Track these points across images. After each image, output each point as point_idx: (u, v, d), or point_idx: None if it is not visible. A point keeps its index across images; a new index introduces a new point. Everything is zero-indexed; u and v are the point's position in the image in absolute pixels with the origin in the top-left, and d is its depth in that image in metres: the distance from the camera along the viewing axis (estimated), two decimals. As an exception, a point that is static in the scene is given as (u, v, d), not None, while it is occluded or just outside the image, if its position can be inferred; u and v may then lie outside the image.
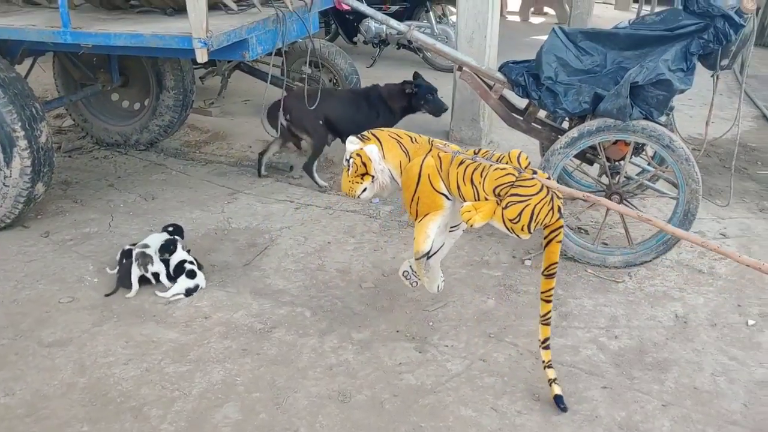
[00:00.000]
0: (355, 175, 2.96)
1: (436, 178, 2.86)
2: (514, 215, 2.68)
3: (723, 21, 3.37)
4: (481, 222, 2.74)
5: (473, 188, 2.78)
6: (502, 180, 2.71)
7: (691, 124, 5.80)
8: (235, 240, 4.00)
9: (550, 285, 2.79)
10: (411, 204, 2.95)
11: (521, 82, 3.73)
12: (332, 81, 5.79)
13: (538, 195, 2.67)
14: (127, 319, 3.28)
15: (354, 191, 2.99)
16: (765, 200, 4.67)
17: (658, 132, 3.48)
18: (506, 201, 2.69)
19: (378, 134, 3.01)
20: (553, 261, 2.78)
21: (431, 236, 2.92)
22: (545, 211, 2.68)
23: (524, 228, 2.71)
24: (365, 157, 2.92)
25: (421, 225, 2.93)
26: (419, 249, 2.95)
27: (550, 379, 2.80)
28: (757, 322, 3.35)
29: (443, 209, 2.90)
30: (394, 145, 2.97)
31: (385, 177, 2.98)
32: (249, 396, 2.80)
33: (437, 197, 2.88)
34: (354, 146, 2.96)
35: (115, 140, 5.36)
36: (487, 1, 4.97)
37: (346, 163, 2.99)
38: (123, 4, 4.12)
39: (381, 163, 2.95)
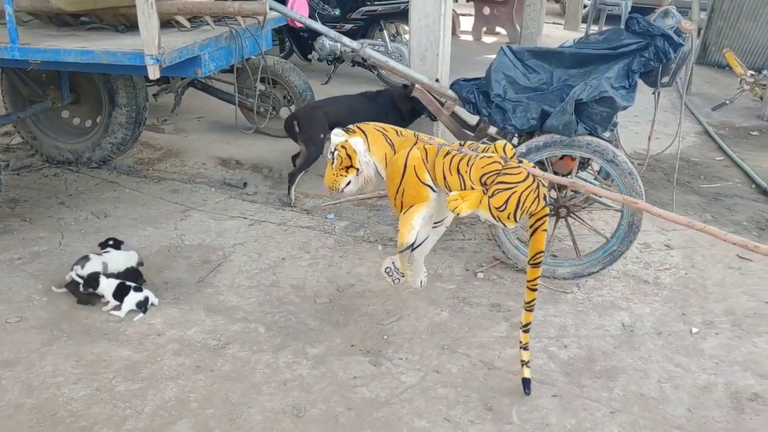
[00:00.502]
0: (339, 167, 2.92)
1: (422, 169, 2.86)
2: (501, 203, 2.70)
3: (663, 40, 3.51)
4: (468, 210, 2.75)
5: (459, 178, 2.78)
6: (489, 168, 2.73)
7: (637, 139, 5.98)
8: (188, 257, 3.98)
9: (536, 274, 2.83)
10: (396, 196, 2.92)
11: (472, 99, 3.82)
12: (286, 98, 5.82)
13: (524, 182, 2.69)
14: (78, 337, 3.24)
15: (338, 184, 2.96)
16: (707, 213, 4.84)
17: (602, 147, 3.59)
18: (493, 189, 2.71)
19: (364, 127, 3.00)
20: (539, 250, 2.79)
21: (416, 228, 2.89)
22: (531, 198, 2.70)
23: (510, 216, 2.72)
24: (350, 150, 2.90)
25: (405, 217, 2.91)
26: (404, 241, 2.92)
27: (523, 360, 2.88)
28: (701, 330, 3.46)
29: (428, 201, 2.89)
30: (379, 138, 2.97)
31: (369, 170, 2.97)
32: (203, 413, 2.79)
33: (422, 188, 2.87)
34: (339, 138, 2.93)
35: (66, 158, 5.28)
36: (439, 20, 5.05)
37: (331, 155, 2.95)
38: (72, 20, 4.09)
39: (366, 155, 2.93)
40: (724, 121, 7.11)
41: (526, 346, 2.91)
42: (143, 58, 3.30)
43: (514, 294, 3.70)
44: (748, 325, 3.50)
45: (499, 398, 2.93)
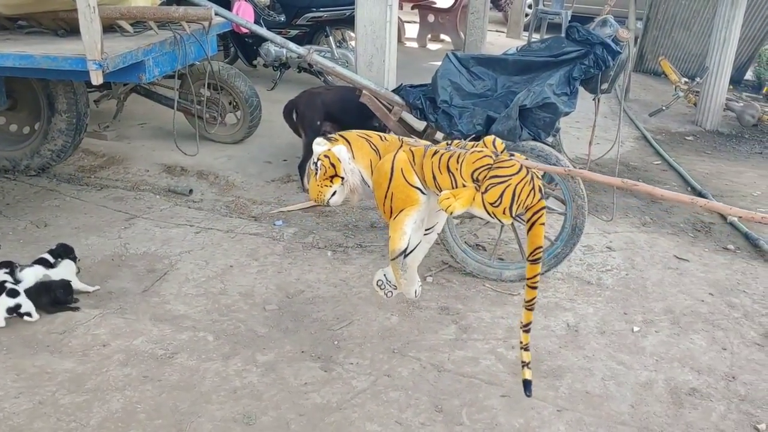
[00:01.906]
0: (323, 178, 2.84)
1: (410, 171, 2.78)
2: (495, 198, 2.63)
3: (601, 48, 3.62)
4: (461, 209, 2.68)
5: (450, 176, 2.71)
6: (480, 163, 2.67)
7: (578, 144, 6.14)
8: (132, 266, 3.90)
9: (536, 270, 2.71)
10: (384, 201, 2.83)
11: (419, 105, 3.87)
12: (231, 104, 5.78)
13: (518, 175, 2.63)
14: (18, 350, 3.14)
15: (323, 195, 2.86)
16: (646, 215, 5.00)
17: (546, 152, 3.68)
18: (485, 184, 2.65)
19: (346, 135, 2.92)
20: (537, 245, 2.68)
21: (408, 232, 2.81)
22: (527, 191, 2.63)
23: (506, 211, 2.65)
24: (334, 158, 2.81)
25: (396, 222, 2.82)
26: (396, 247, 2.83)
27: (524, 362, 2.77)
28: (641, 329, 3.57)
29: (418, 204, 2.82)
30: (363, 144, 2.88)
31: (355, 178, 2.88)
32: (151, 423, 2.74)
33: (412, 191, 2.79)
34: (322, 148, 2.84)
35: (3, 166, 5.10)
36: (385, 27, 5.10)
37: (314, 166, 2.86)
38: (9, 24, 3.97)
39: (351, 163, 2.85)
40: (661, 126, 7.36)
41: (527, 346, 2.79)
42: (86, 63, 3.23)
43: (463, 297, 3.75)
44: (686, 323, 3.63)
45: (449, 400, 2.96)
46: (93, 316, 3.41)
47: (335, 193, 2.86)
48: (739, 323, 3.65)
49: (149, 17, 3.66)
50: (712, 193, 5.36)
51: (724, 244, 4.55)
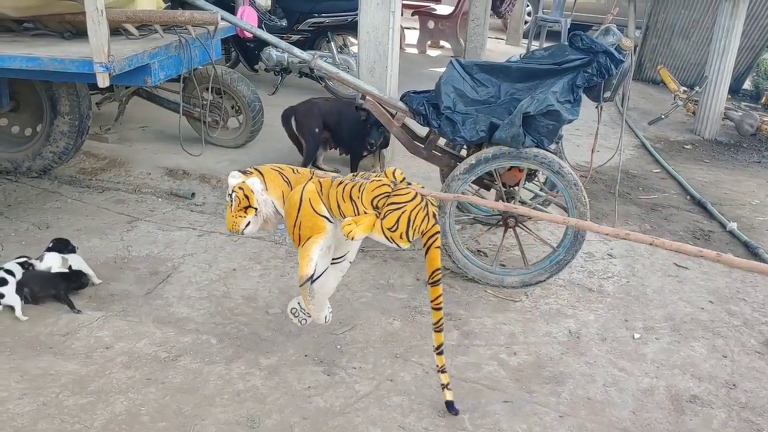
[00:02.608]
0: (238, 209, 2.95)
1: (317, 201, 2.91)
2: (392, 223, 2.78)
3: (605, 56, 3.65)
4: (362, 234, 2.82)
5: (353, 204, 2.86)
6: (379, 191, 2.83)
7: (578, 152, 6.18)
8: (135, 268, 3.90)
9: (438, 293, 2.88)
10: (294, 230, 2.96)
11: (422, 111, 3.88)
12: (234, 108, 5.79)
13: (412, 202, 2.79)
14: (22, 352, 3.14)
15: (238, 226, 2.97)
16: (647, 223, 5.03)
17: (549, 159, 3.70)
18: (384, 211, 2.80)
19: (260, 168, 3.04)
20: (435, 267, 2.86)
21: (314, 259, 2.92)
22: (421, 216, 2.79)
23: (403, 235, 2.80)
24: (247, 190, 2.92)
25: (304, 249, 2.94)
26: (303, 273, 2.94)
27: (443, 384, 2.91)
28: (642, 336, 3.59)
29: (325, 231, 2.93)
30: (275, 176, 3.01)
31: (268, 209, 2.99)
32: (155, 426, 2.74)
33: (319, 220, 2.91)
34: (236, 180, 2.96)
35: (5, 167, 5.10)
36: (388, 33, 5.13)
37: (229, 198, 2.97)
38: (15, 26, 3.98)
39: (263, 194, 2.96)
40: (660, 135, 7.41)
41: (443, 368, 2.92)
42: (92, 66, 3.24)
43: (465, 303, 3.77)
44: (686, 330, 3.65)
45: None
46: (96, 319, 3.42)
47: (249, 223, 2.97)
48: (739, 331, 3.67)
49: (155, 20, 3.67)
50: (710, 201, 5.39)
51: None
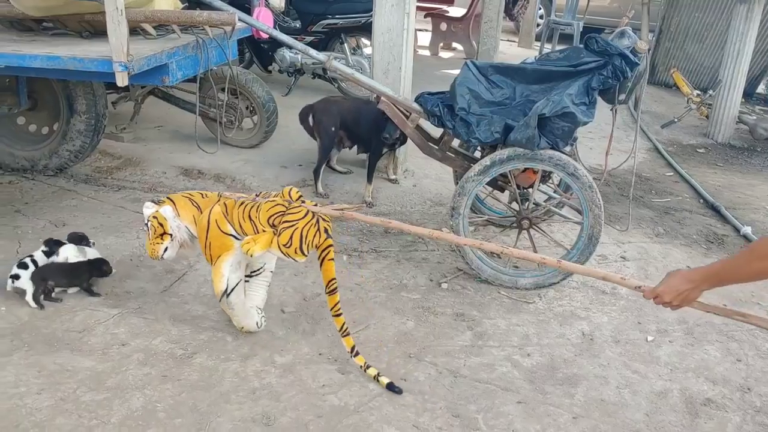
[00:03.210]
0: (154, 236, 3.17)
1: (223, 221, 3.11)
2: (286, 240, 2.98)
3: (620, 59, 3.65)
4: (260, 250, 3.01)
5: (252, 223, 3.06)
6: (273, 210, 3.03)
7: (591, 155, 6.16)
8: (151, 266, 3.93)
9: (335, 300, 3.11)
10: (206, 250, 3.17)
11: (437, 112, 3.89)
12: (249, 108, 5.83)
13: (303, 219, 2.99)
14: (39, 347, 3.17)
15: (156, 252, 3.18)
16: (659, 226, 5.01)
17: (564, 161, 3.71)
18: (279, 229, 3.00)
19: (172, 197, 3.27)
20: (330, 277, 3.09)
21: (226, 275, 3.12)
22: (312, 232, 3.00)
23: (297, 250, 3.00)
24: (161, 218, 3.14)
25: (215, 267, 3.14)
26: (217, 289, 3.15)
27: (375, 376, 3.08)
28: (656, 338, 3.59)
29: (233, 249, 3.13)
30: (186, 203, 3.23)
31: (182, 233, 3.20)
32: (171, 422, 2.76)
33: (226, 239, 3.11)
34: (150, 210, 3.19)
35: (22, 165, 5.16)
36: (402, 35, 5.15)
37: (146, 227, 3.20)
38: (35, 25, 4.03)
39: (176, 220, 3.17)
40: (672, 138, 7.39)
41: (367, 366, 3.11)
42: (112, 65, 3.27)
43: (478, 304, 3.78)
44: (700, 333, 3.65)
45: (466, 405, 2.98)
46: (112, 316, 3.45)
47: (167, 248, 3.19)
48: (753, 335, 3.66)
49: (173, 21, 3.70)
50: (724, 205, 5.37)
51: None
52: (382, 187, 5.31)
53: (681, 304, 2.29)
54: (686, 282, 2.25)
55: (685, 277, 2.26)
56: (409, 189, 5.40)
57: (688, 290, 2.25)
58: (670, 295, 2.28)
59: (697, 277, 2.23)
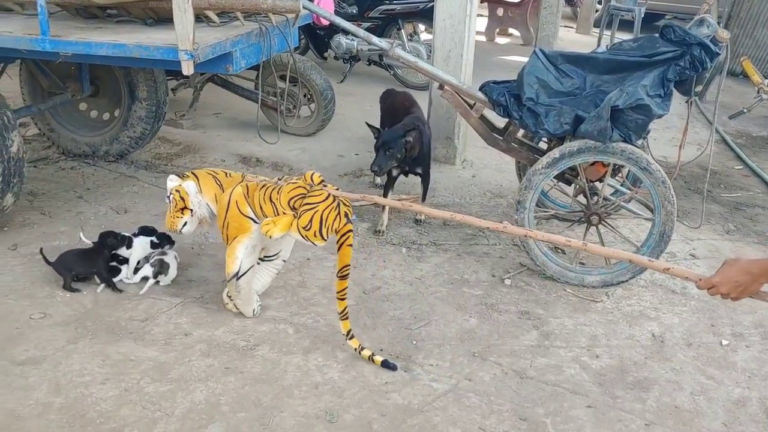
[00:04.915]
0: (175, 210, 3.22)
1: (243, 203, 3.12)
2: (306, 222, 2.97)
3: (699, 49, 3.47)
4: (279, 233, 3.01)
5: (272, 206, 3.06)
6: (294, 193, 3.03)
7: (655, 146, 5.92)
8: (213, 255, 3.92)
9: (344, 285, 3.07)
10: (223, 229, 3.19)
11: (502, 102, 3.77)
12: (306, 96, 5.78)
13: (324, 202, 2.97)
14: (103, 336, 3.19)
15: (176, 225, 3.24)
16: (730, 222, 4.81)
17: (637, 155, 3.56)
18: (299, 211, 2.99)
19: (196, 172, 3.31)
20: (345, 263, 3.05)
21: (239, 257, 3.14)
22: (333, 216, 2.97)
23: (316, 234, 2.98)
24: (183, 193, 3.19)
25: (230, 248, 3.17)
26: (229, 270, 3.16)
27: (355, 348, 3.09)
28: (731, 342, 3.43)
29: (250, 232, 3.15)
30: (209, 180, 3.26)
31: (202, 210, 3.25)
32: (234, 416, 2.74)
33: (244, 221, 3.13)
34: (173, 183, 3.23)
35: (83, 151, 5.22)
36: (465, 20, 5.02)
37: (167, 200, 3.23)
38: (100, 12, 4.03)
39: (198, 196, 3.21)
40: (741, 129, 7.09)
41: (361, 348, 3.09)
42: (177, 53, 3.24)
43: (543, 302, 3.66)
44: (779, 338, 3.47)
45: (533, 408, 2.89)
46: (174, 305, 3.45)
47: (186, 223, 3.25)
48: (836, 341, 3.46)
49: (238, 8, 3.64)
50: (799, 201, 5.13)
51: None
52: (440, 178, 5.20)
53: (738, 296, 2.13)
54: (744, 273, 2.08)
55: (743, 268, 2.09)
56: (468, 180, 5.28)
57: (746, 282, 2.08)
58: (726, 287, 2.11)
59: (756, 270, 2.07)
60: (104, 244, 3.61)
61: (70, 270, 3.52)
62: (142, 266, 3.62)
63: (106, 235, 3.65)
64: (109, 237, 3.63)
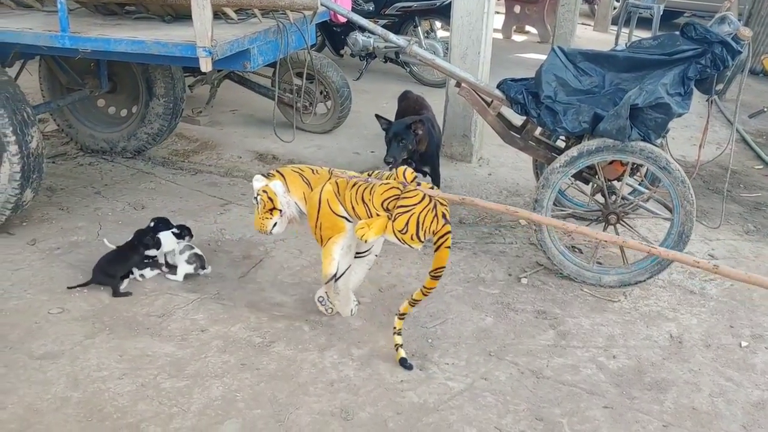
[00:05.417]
0: (264, 211, 3.12)
1: (335, 202, 3.03)
2: (402, 225, 2.88)
3: (721, 47, 3.43)
4: (374, 236, 2.92)
5: (365, 207, 2.96)
6: (388, 194, 2.93)
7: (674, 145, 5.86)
8: (229, 252, 3.94)
9: (434, 285, 2.99)
10: (315, 230, 3.10)
11: (520, 99, 3.75)
12: (322, 93, 5.78)
13: (420, 204, 2.87)
14: (120, 331, 3.20)
15: (265, 227, 3.14)
16: (749, 223, 4.75)
17: (656, 154, 3.52)
18: (394, 213, 2.90)
19: (281, 170, 3.21)
20: (441, 265, 2.94)
21: (336, 258, 3.07)
22: (430, 218, 2.87)
23: (413, 237, 2.89)
24: (271, 193, 3.09)
25: (326, 249, 3.08)
26: (326, 272, 3.10)
27: (397, 344, 3.07)
28: (750, 344, 3.39)
29: (344, 231, 3.06)
30: (296, 178, 3.15)
31: (292, 209, 3.15)
32: (250, 413, 2.75)
33: (338, 220, 3.04)
34: (260, 183, 3.13)
35: (101, 147, 5.25)
36: (482, 17, 5.00)
37: (255, 201, 3.14)
38: (119, 9, 4.05)
39: (286, 196, 3.11)
40: (762, 129, 7.00)
41: (399, 332, 3.09)
42: (195, 50, 3.25)
43: (560, 301, 3.64)
44: (800, 341, 3.43)
45: (549, 408, 2.87)
46: (191, 301, 3.46)
47: (276, 224, 3.14)
48: None
49: (256, 5, 3.65)
50: (821, 202, 5.06)
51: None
52: (456, 176, 5.19)
53: None
54: None
55: None
56: (485, 178, 5.26)
57: None
58: None
59: None
60: (141, 243, 3.65)
61: (113, 276, 3.51)
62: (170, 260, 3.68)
63: (143, 233, 3.70)
64: (146, 236, 3.67)
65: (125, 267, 3.57)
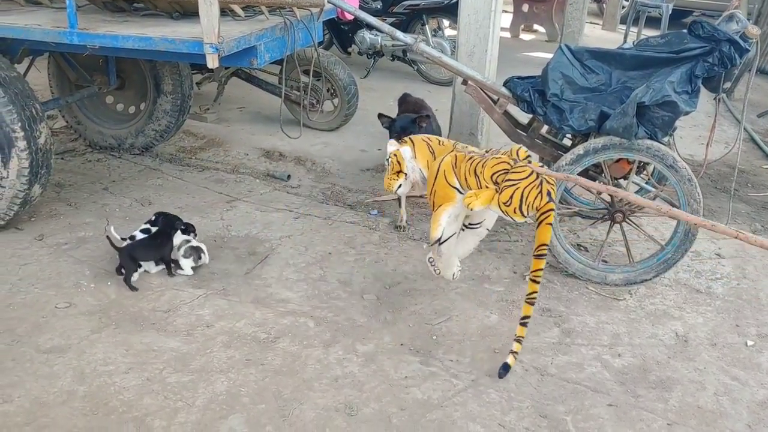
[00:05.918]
0: (392, 172, 3.34)
1: (451, 173, 3.19)
2: (507, 198, 3.00)
3: (729, 45, 3.41)
4: (480, 205, 3.05)
5: (476, 179, 3.11)
6: (497, 167, 3.05)
7: (681, 144, 5.85)
8: (234, 248, 3.95)
9: (540, 265, 3.02)
10: (430, 196, 3.29)
11: (527, 97, 3.75)
12: (330, 91, 5.79)
13: (527, 179, 2.97)
14: (126, 326, 3.22)
15: (392, 186, 3.37)
16: (757, 222, 4.73)
17: (663, 152, 3.51)
18: (501, 186, 3.02)
19: (413, 138, 3.42)
20: (543, 242, 3.01)
21: (443, 224, 3.21)
22: (534, 194, 2.97)
23: (516, 210, 3.00)
24: (400, 157, 3.31)
25: (435, 214, 3.25)
26: (432, 236, 3.25)
27: (513, 351, 3.06)
28: (756, 343, 3.38)
29: (454, 201, 3.21)
30: (423, 147, 3.35)
31: (416, 174, 3.34)
32: (254, 408, 2.76)
33: (450, 190, 3.20)
34: (393, 147, 3.37)
35: (109, 143, 5.28)
36: (489, 16, 4.99)
37: (387, 162, 3.37)
38: (126, 6, 4.07)
39: (412, 161, 3.32)
40: (770, 128, 6.97)
41: (519, 339, 3.06)
42: (202, 47, 3.26)
43: (565, 299, 3.64)
44: (806, 340, 3.41)
45: (553, 405, 2.87)
46: (197, 296, 3.48)
47: (401, 185, 3.35)
48: None
49: (262, 2, 3.67)
50: (830, 202, 5.03)
51: None
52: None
53: None
54: None
55: None
56: (491, 176, 5.25)
57: None
58: None
59: None
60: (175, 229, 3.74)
61: (136, 261, 3.55)
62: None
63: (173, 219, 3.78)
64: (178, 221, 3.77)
65: (154, 254, 3.63)
